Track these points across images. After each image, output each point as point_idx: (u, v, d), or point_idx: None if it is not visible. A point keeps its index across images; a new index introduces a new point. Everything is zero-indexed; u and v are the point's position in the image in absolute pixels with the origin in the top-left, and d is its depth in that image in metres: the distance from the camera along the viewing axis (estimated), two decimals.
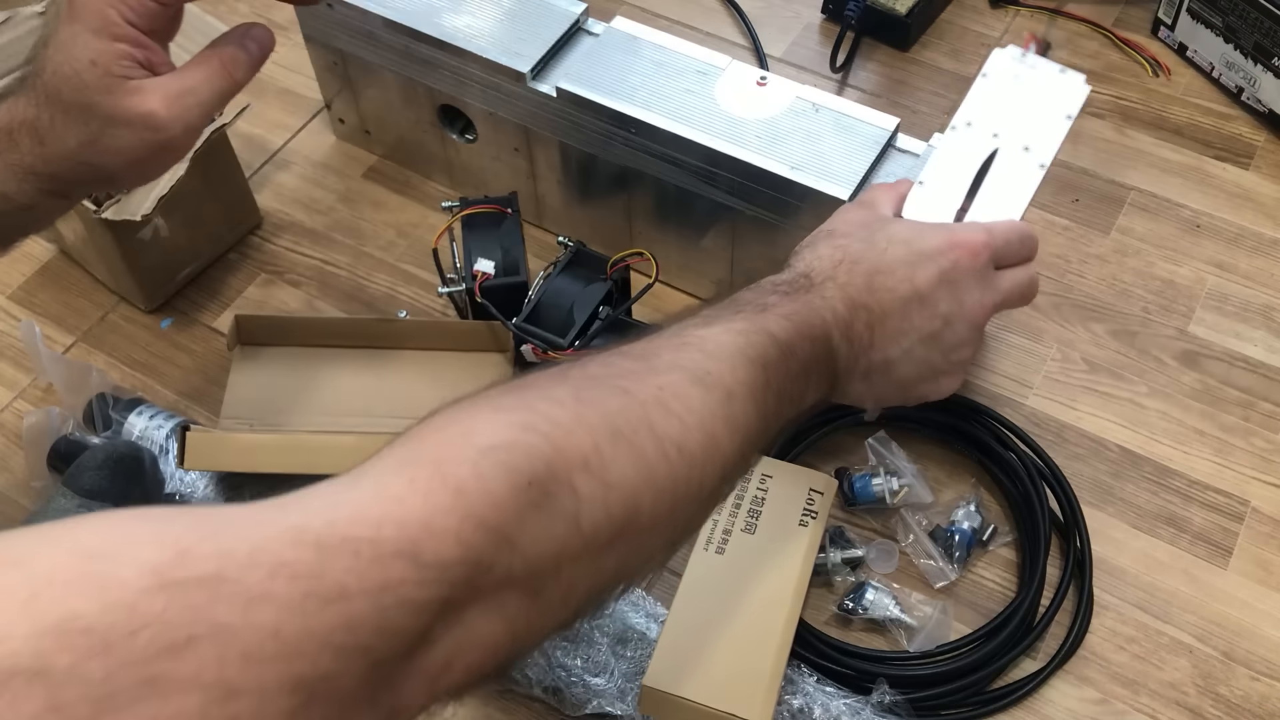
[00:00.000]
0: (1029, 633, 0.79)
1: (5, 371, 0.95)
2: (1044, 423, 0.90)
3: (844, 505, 0.86)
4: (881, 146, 0.83)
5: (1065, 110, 0.78)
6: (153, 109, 0.59)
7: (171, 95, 0.60)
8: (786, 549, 0.77)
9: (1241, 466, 0.87)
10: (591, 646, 0.75)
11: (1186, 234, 1.00)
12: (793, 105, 0.85)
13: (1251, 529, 0.84)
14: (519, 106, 0.91)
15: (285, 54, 1.14)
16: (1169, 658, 0.79)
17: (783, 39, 1.16)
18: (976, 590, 0.82)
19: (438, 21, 0.91)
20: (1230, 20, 1.05)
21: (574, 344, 0.82)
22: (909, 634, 0.79)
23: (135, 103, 0.59)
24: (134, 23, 0.59)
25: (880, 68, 1.13)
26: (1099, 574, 0.82)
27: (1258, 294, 0.96)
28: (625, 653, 0.75)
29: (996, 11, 1.17)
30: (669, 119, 0.84)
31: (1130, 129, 1.08)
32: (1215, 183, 1.04)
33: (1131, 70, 1.12)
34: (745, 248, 0.89)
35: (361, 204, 1.04)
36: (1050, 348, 0.94)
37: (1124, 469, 0.87)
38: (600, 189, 0.94)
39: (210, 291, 0.98)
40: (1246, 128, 1.07)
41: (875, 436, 0.87)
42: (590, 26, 0.92)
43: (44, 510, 0.77)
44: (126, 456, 0.79)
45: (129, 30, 0.59)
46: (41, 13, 0.92)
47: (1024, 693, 0.77)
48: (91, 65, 0.58)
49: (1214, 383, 0.91)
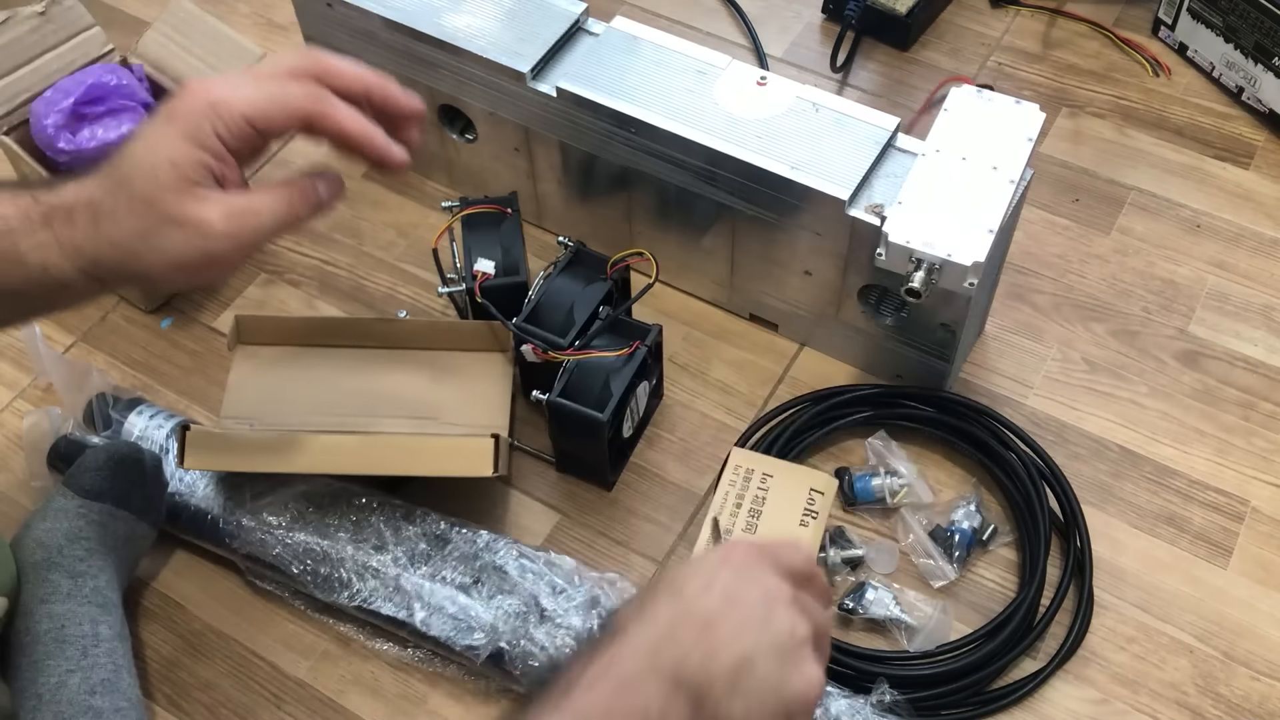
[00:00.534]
0: (1029, 633, 0.79)
1: (5, 371, 0.95)
2: (1044, 423, 0.90)
3: (844, 505, 0.86)
4: (881, 146, 0.83)
5: (1025, 134, 0.81)
6: (210, 218, 0.60)
7: (232, 211, 0.61)
8: None
9: (1242, 466, 0.87)
10: None
11: (1186, 234, 1.00)
12: (793, 105, 0.85)
13: (1252, 529, 0.84)
14: (519, 106, 0.91)
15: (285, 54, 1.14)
16: (1169, 657, 0.79)
17: (783, 39, 1.16)
18: (976, 590, 0.82)
19: (438, 21, 0.91)
20: (1231, 20, 1.05)
21: (574, 344, 0.82)
22: (909, 634, 0.79)
23: (196, 208, 0.60)
24: (223, 138, 0.61)
25: (880, 67, 1.13)
26: (1099, 574, 0.82)
27: (1258, 294, 0.96)
28: None
29: (996, 11, 1.17)
30: (669, 119, 0.84)
31: (1130, 129, 1.08)
32: (1215, 182, 1.04)
33: (1132, 70, 1.12)
34: (745, 248, 0.89)
35: (361, 204, 1.04)
36: (1050, 348, 0.94)
37: (1124, 469, 0.87)
38: (600, 189, 0.94)
39: (210, 291, 0.98)
40: (1247, 127, 1.07)
41: (875, 436, 0.87)
42: (590, 26, 0.92)
43: (44, 510, 0.77)
44: (127, 458, 0.79)
45: (215, 144, 0.61)
46: (42, 12, 0.92)
47: (1024, 693, 0.77)
48: (170, 164, 0.60)
49: (1214, 382, 0.91)
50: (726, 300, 0.96)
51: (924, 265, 0.76)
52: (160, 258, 0.61)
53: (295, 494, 0.81)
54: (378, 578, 0.78)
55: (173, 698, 0.79)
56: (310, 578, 0.78)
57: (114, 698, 0.71)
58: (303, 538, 0.79)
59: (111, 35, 0.96)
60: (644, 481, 0.88)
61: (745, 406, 0.91)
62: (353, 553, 0.78)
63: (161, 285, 0.82)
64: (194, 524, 0.82)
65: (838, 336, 0.91)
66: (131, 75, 0.94)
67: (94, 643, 0.73)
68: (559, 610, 0.76)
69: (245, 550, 0.80)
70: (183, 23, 0.95)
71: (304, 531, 0.79)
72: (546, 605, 0.76)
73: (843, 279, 0.86)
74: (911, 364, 0.89)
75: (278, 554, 0.79)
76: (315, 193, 0.64)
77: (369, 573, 0.78)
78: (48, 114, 0.90)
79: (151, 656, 0.80)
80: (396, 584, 0.77)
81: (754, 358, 0.94)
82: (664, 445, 0.90)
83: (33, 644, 0.72)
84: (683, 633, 0.53)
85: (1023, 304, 0.96)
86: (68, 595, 0.73)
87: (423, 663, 0.79)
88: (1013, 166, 0.80)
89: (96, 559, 0.76)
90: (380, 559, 0.78)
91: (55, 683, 0.70)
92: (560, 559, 0.79)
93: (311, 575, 0.78)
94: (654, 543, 0.85)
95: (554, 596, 0.76)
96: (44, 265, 0.61)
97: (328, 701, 0.79)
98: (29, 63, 0.92)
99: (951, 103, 0.84)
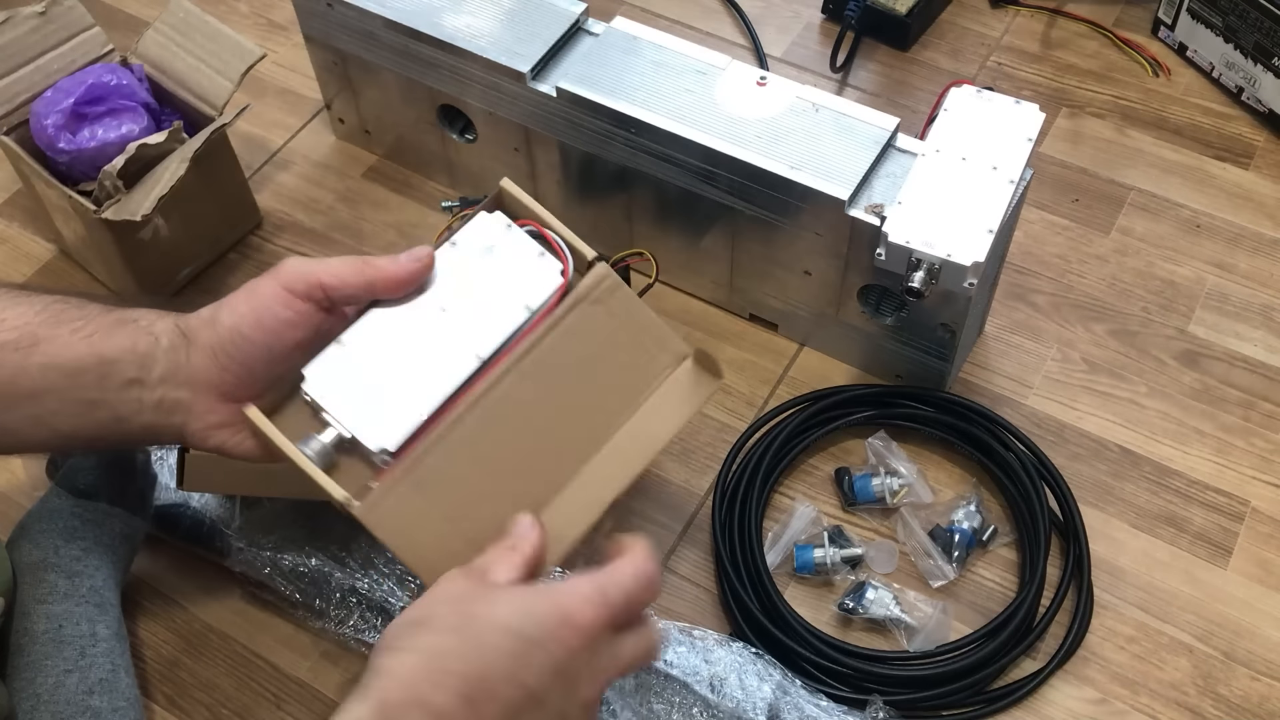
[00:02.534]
0: (1029, 633, 0.79)
1: None
2: (1044, 423, 0.90)
3: (844, 505, 0.86)
4: (881, 146, 0.83)
5: (1025, 134, 0.81)
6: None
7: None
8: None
9: (1241, 466, 0.87)
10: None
11: (1186, 234, 1.00)
12: (793, 105, 0.85)
13: (1251, 529, 0.84)
14: (519, 106, 0.91)
15: (285, 54, 1.15)
16: (1169, 658, 0.79)
17: (783, 39, 1.16)
18: (976, 590, 0.82)
19: (438, 21, 0.91)
20: (1230, 20, 1.05)
21: None
22: (909, 634, 0.79)
23: None
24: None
25: (880, 68, 1.13)
26: (1099, 574, 0.82)
27: (1258, 294, 0.96)
28: None
29: (996, 11, 1.17)
30: (669, 119, 0.84)
31: (1130, 129, 1.08)
32: (1215, 183, 1.04)
33: (1131, 70, 1.12)
34: (745, 248, 0.89)
35: (361, 204, 1.04)
36: (1050, 348, 0.94)
37: (1124, 469, 0.87)
38: (600, 189, 0.94)
39: (210, 291, 0.98)
40: (1246, 128, 1.07)
41: (875, 436, 0.87)
42: (590, 26, 0.92)
43: (39, 510, 0.77)
44: (121, 456, 0.79)
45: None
46: (42, 12, 0.92)
47: (1024, 693, 0.77)
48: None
49: (1214, 383, 0.91)
50: (726, 300, 0.96)
51: (924, 265, 0.76)
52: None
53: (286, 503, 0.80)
54: (366, 603, 0.77)
55: (173, 698, 0.79)
56: (300, 596, 0.78)
57: (112, 697, 0.71)
58: (289, 560, 0.78)
59: (111, 35, 0.96)
60: (644, 482, 0.88)
61: (745, 406, 0.91)
62: (340, 578, 0.78)
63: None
64: (192, 534, 0.82)
65: (837, 336, 0.91)
66: (131, 75, 0.94)
67: (92, 643, 0.72)
68: None
69: (239, 569, 0.80)
70: (182, 23, 0.95)
71: (292, 552, 0.78)
72: None
73: (843, 279, 0.86)
74: (911, 364, 0.89)
75: (268, 573, 0.79)
76: (391, 265, 0.64)
77: (357, 597, 0.77)
78: (48, 114, 0.90)
79: (151, 656, 0.80)
80: (381, 608, 0.77)
81: (754, 358, 0.94)
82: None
83: (30, 644, 0.72)
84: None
85: (1023, 304, 0.96)
86: (65, 595, 0.73)
87: None
88: (1012, 166, 0.80)
89: (93, 558, 0.76)
90: (366, 581, 0.77)
91: (53, 683, 0.70)
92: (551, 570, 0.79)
93: (302, 595, 0.78)
94: (654, 543, 0.85)
95: None
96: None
97: (328, 702, 0.78)
98: (29, 63, 0.92)
99: (951, 103, 0.84)
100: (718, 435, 0.90)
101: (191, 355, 0.62)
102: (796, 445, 0.87)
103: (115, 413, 0.62)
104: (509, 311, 0.65)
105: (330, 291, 0.62)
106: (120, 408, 0.62)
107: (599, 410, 0.66)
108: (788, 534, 0.83)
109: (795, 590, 0.82)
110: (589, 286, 0.67)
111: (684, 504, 0.87)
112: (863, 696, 0.75)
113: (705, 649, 0.75)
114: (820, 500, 0.86)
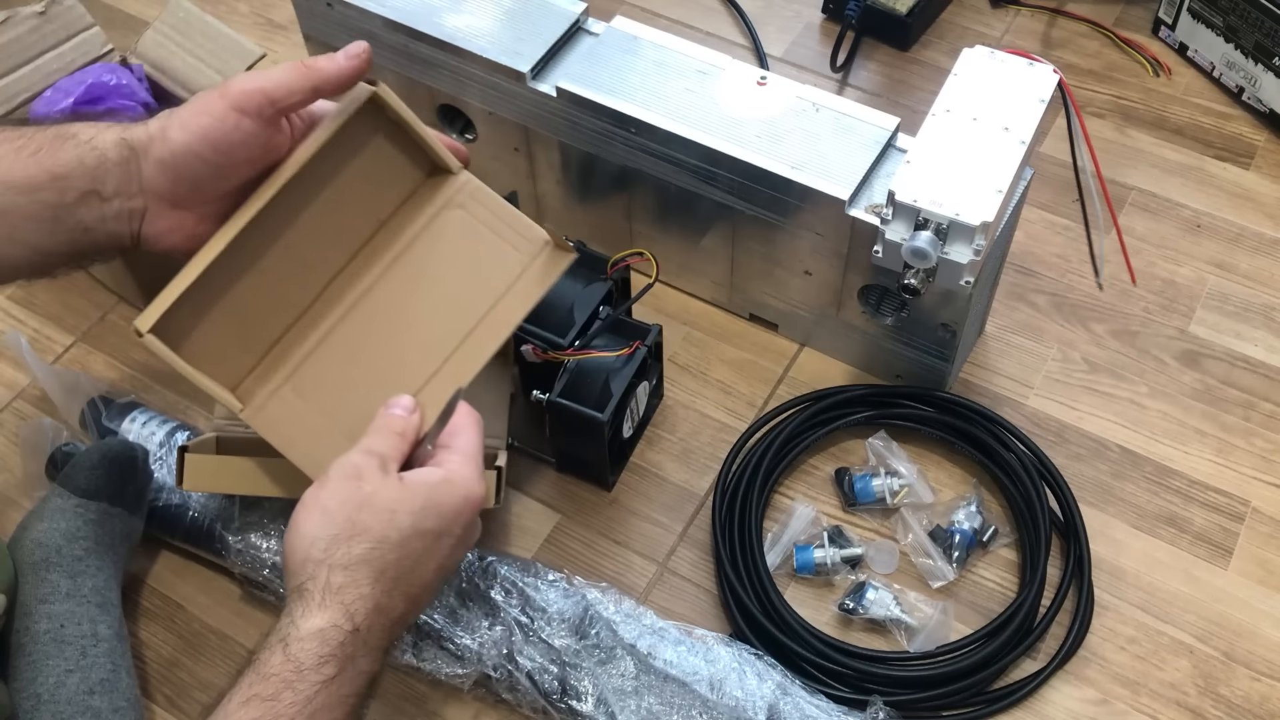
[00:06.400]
0: (1029, 633, 0.79)
1: (5, 372, 0.95)
2: (1044, 423, 0.89)
3: (844, 506, 0.86)
4: (882, 146, 0.82)
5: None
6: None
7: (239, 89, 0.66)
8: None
9: (1242, 467, 0.87)
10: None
11: (1187, 234, 1.00)
12: (793, 105, 0.85)
13: (1252, 529, 0.84)
14: (519, 106, 0.91)
15: (285, 54, 1.15)
16: (1169, 658, 0.79)
17: (783, 39, 1.16)
18: (976, 590, 0.82)
19: (438, 21, 0.91)
20: (1231, 20, 1.05)
21: (574, 344, 0.82)
22: (909, 634, 0.79)
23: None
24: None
25: (880, 68, 1.13)
26: (1099, 574, 0.82)
27: (1258, 294, 0.96)
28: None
29: (997, 11, 1.17)
30: (669, 119, 0.84)
31: (1130, 129, 1.08)
32: (1216, 183, 1.04)
33: (1132, 70, 1.12)
34: (745, 248, 0.89)
35: None
36: (1050, 348, 0.94)
37: (1124, 469, 0.87)
38: (600, 189, 0.94)
39: None
40: (1247, 127, 1.07)
41: (875, 436, 0.87)
42: (590, 26, 0.92)
43: (41, 510, 0.77)
44: (121, 455, 0.79)
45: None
46: (42, 12, 0.92)
47: (1024, 693, 0.77)
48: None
49: (1214, 383, 0.91)
50: (726, 300, 0.96)
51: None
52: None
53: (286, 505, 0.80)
54: None
55: (172, 698, 0.79)
56: None
57: (113, 697, 0.71)
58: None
59: (111, 35, 0.96)
60: (644, 482, 0.88)
61: (745, 406, 0.91)
62: None
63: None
64: (192, 534, 0.82)
65: (838, 336, 0.91)
66: (131, 75, 0.94)
67: (93, 643, 0.72)
68: (545, 629, 0.76)
69: (239, 569, 0.80)
70: (182, 22, 0.95)
71: None
72: (531, 627, 0.76)
73: (843, 279, 0.86)
74: (911, 364, 0.89)
75: (266, 575, 0.79)
76: (329, 64, 0.66)
77: None
78: (47, 114, 0.90)
79: (151, 657, 0.80)
80: None
81: (754, 358, 0.94)
82: (664, 445, 0.90)
83: (31, 644, 0.72)
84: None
85: (1023, 304, 0.96)
86: (66, 595, 0.73)
87: (424, 663, 0.79)
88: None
89: (94, 558, 0.76)
90: None
91: (54, 683, 0.70)
92: (547, 571, 0.79)
93: None
94: (654, 543, 0.85)
95: (540, 615, 0.76)
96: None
97: None
98: (29, 62, 0.92)
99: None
100: (718, 435, 0.90)
101: (143, 168, 0.65)
102: (796, 445, 0.87)
103: (80, 222, 0.65)
104: (1028, 105, 0.78)
105: (278, 102, 0.65)
106: (84, 217, 0.65)
107: (466, 300, 0.73)
108: (788, 534, 0.83)
109: (795, 590, 0.82)
110: (450, 193, 0.74)
111: (684, 504, 0.87)
112: (863, 697, 0.75)
113: (705, 649, 0.75)
114: (820, 500, 0.86)
